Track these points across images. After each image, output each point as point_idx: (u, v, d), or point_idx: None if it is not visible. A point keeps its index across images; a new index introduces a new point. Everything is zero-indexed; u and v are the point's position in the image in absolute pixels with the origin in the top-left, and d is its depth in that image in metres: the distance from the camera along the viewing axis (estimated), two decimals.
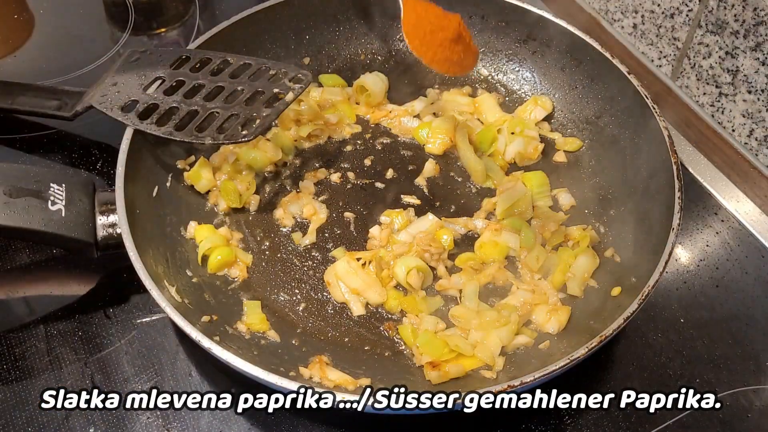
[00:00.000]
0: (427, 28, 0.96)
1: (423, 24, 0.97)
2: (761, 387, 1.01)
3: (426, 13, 0.98)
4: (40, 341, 1.02)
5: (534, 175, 1.16)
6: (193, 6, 1.51)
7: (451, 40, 0.96)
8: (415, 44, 0.97)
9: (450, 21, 0.96)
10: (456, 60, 0.97)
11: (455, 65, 0.97)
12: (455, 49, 0.96)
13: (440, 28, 0.96)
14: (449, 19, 0.96)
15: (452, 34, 0.96)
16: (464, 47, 0.97)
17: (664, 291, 1.10)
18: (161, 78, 1.12)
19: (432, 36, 0.96)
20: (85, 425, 0.94)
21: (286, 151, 1.20)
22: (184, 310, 0.93)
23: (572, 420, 0.97)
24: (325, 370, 0.94)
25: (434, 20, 0.96)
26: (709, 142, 1.26)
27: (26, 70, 1.37)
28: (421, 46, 0.97)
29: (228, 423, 0.95)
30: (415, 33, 0.97)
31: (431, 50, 0.96)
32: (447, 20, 0.96)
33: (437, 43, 0.96)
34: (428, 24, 0.96)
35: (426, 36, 0.96)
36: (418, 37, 0.97)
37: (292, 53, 1.30)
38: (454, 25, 0.96)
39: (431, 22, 0.96)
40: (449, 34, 0.95)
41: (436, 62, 0.97)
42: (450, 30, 0.96)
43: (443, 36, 0.95)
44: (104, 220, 1.00)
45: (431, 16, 0.97)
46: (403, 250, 1.08)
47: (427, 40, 0.96)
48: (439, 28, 0.96)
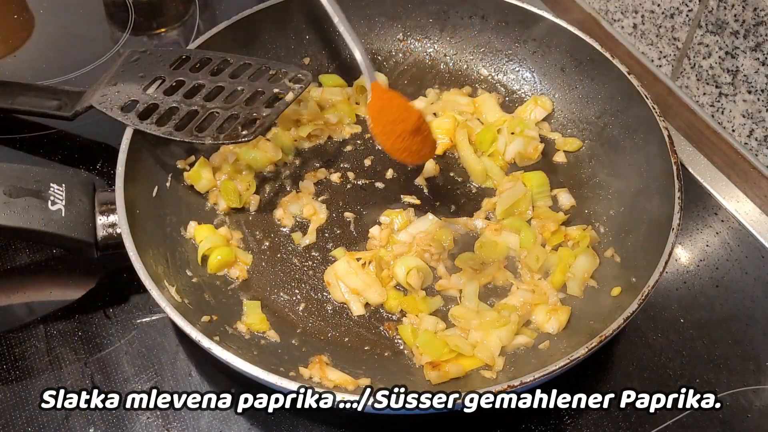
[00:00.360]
0: (389, 117, 1.01)
1: (386, 113, 1.02)
2: (761, 387, 1.01)
3: (390, 103, 1.03)
4: (40, 341, 1.02)
5: (534, 175, 1.16)
6: (193, 6, 1.51)
7: (410, 131, 1.00)
8: (378, 131, 1.02)
9: (411, 114, 1.01)
10: (414, 150, 1.01)
11: (413, 155, 1.02)
12: (414, 140, 1.01)
13: (401, 119, 1.01)
14: (410, 112, 1.01)
15: (412, 126, 1.00)
16: (422, 138, 1.02)
17: (664, 291, 1.10)
18: (161, 78, 1.12)
19: (393, 126, 1.01)
20: (85, 425, 0.94)
21: (286, 151, 1.20)
22: (184, 310, 0.93)
23: (572, 420, 0.97)
24: (325, 370, 0.94)
25: (396, 111, 1.01)
26: (709, 142, 1.26)
27: (26, 70, 1.37)
28: (383, 134, 1.02)
29: (228, 423, 0.95)
30: (378, 120, 1.02)
31: (391, 139, 1.01)
32: (408, 113, 1.01)
33: (397, 133, 1.00)
34: (390, 114, 1.01)
35: (387, 125, 1.01)
36: (380, 124, 1.02)
37: (292, 53, 1.30)
38: (414, 118, 1.01)
39: (393, 113, 1.01)
40: (409, 126, 1.00)
41: (395, 151, 1.01)
42: (410, 122, 1.00)
43: (403, 127, 1.00)
44: (104, 220, 1.00)
45: (395, 107, 1.02)
46: (403, 250, 1.08)
47: (388, 129, 1.01)
48: (401, 120, 1.01)
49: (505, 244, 1.09)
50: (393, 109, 1.02)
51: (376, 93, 1.06)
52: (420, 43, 1.34)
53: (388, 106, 1.03)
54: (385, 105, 1.03)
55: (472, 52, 1.32)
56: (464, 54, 1.33)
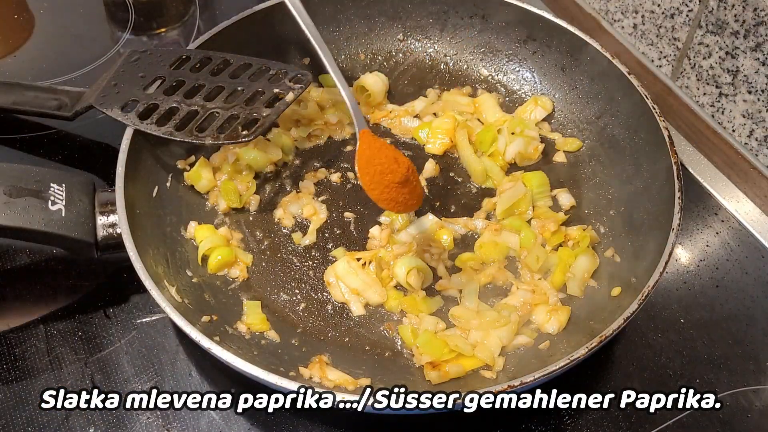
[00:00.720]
0: (377, 168, 1.00)
1: (374, 163, 1.01)
2: (761, 387, 1.01)
3: (378, 153, 1.01)
4: (40, 341, 1.02)
5: (534, 175, 1.16)
6: (194, 6, 1.51)
7: (398, 183, 0.99)
8: (365, 180, 1.01)
9: (399, 165, 1.00)
10: (401, 201, 1.00)
11: (400, 205, 1.01)
12: (401, 191, 1.00)
13: (389, 170, 0.99)
14: (399, 164, 1.00)
15: (400, 177, 0.99)
16: (410, 190, 1.01)
17: (664, 291, 1.10)
18: (161, 78, 1.12)
19: (381, 177, 0.99)
20: (85, 425, 0.94)
21: (286, 151, 1.20)
22: (184, 310, 0.93)
23: (572, 420, 0.97)
24: (325, 370, 0.94)
25: (384, 162, 1.00)
26: (709, 143, 1.26)
27: (26, 70, 1.37)
28: (370, 183, 1.01)
29: (228, 423, 0.95)
30: (366, 170, 1.01)
31: (378, 189, 1.00)
32: (396, 164, 1.00)
33: (384, 184, 0.99)
34: (379, 165, 1.00)
35: (375, 176, 1.00)
36: (368, 174, 1.01)
37: (292, 53, 1.30)
38: (403, 170, 0.99)
39: (381, 164, 1.00)
40: (397, 178, 0.99)
41: (382, 201, 1.00)
42: (398, 174, 0.99)
43: (391, 179, 0.99)
44: (104, 220, 1.00)
45: (383, 157, 1.01)
46: (403, 250, 1.08)
47: (376, 180, 1.00)
48: (389, 171, 0.99)
49: (505, 244, 1.09)
50: (381, 159, 1.00)
51: (364, 141, 1.04)
52: (420, 43, 1.34)
53: (377, 156, 1.01)
54: (374, 155, 1.01)
55: (473, 52, 1.32)
56: (464, 54, 1.33)
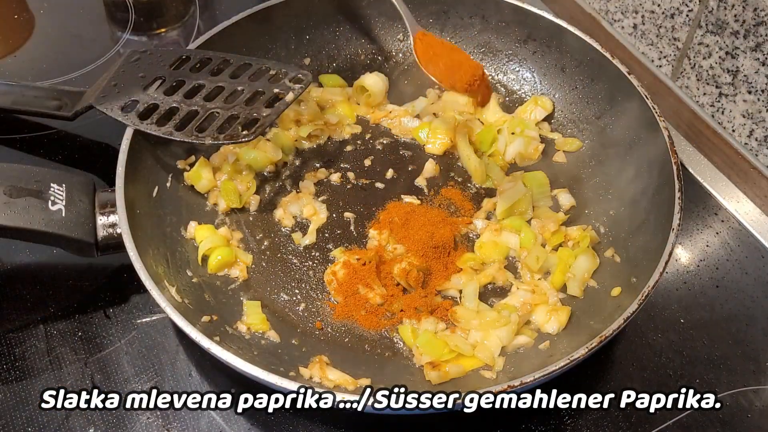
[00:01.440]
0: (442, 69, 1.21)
1: (439, 65, 1.20)
2: (761, 387, 1.01)
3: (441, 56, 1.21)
4: (40, 341, 1.02)
5: (534, 175, 1.17)
6: (194, 6, 1.51)
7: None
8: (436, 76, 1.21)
9: (464, 73, 1.21)
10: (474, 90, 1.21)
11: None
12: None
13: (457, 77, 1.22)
14: (464, 71, 1.21)
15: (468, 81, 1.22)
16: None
17: (664, 291, 1.10)
18: (161, 78, 1.12)
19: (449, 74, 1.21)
20: (85, 425, 0.94)
21: (286, 152, 1.20)
22: (184, 310, 0.93)
23: (572, 420, 0.97)
24: (325, 370, 0.94)
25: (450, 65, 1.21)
26: (709, 143, 1.26)
27: (26, 70, 1.37)
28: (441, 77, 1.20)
29: (228, 423, 0.95)
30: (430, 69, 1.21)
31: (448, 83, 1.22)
32: (461, 71, 1.21)
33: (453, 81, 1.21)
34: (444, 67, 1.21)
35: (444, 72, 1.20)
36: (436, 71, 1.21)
37: (293, 53, 1.30)
38: (468, 78, 1.22)
39: (447, 66, 1.21)
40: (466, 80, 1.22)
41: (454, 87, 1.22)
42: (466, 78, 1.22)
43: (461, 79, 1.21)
44: (104, 220, 1.00)
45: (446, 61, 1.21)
46: (404, 250, 1.08)
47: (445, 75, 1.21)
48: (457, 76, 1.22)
49: (505, 244, 1.09)
50: (446, 62, 1.18)
51: (421, 44, 1.18)
52: None
53: (440, 58, 1.17)
54: (435, 56, 1.17)
55: (473, 52, 1.32)
56: None
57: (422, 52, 1.15)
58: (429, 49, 1.16)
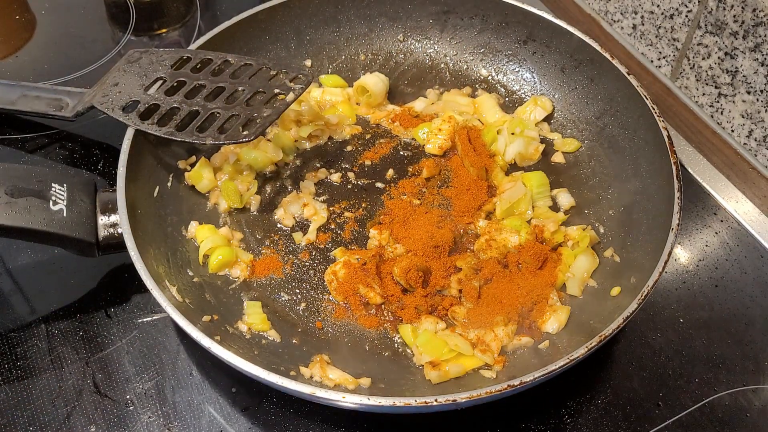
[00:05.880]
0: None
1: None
2: (760, 387, 1.01)
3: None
4: (41, 341, 1.02)
5: (534, 175, 1.17)
6: (194, 7, 1.51)
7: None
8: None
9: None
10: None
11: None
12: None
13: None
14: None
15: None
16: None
17: (663, 291, 1.10)
18: (162, 78, 1.12)
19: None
20: (85, 424, 0.95)
21: (287, 152, 1.20)
22: (185, 310, 0.93)
23: (572, 420, 0.97)
24: (326, 369, 0.95)
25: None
26: (708, 143, 1.26)
27: (28, 71, 1.37)
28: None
29: (228, 422, 0.96)
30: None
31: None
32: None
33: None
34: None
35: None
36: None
37: (293, 53, 1.30)
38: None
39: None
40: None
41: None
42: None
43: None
44: (105, 220, 1.01)
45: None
46: (403, 250, 1.08)
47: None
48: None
49: (505, 244, 1.09)
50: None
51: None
52: (420, 44, 1.34)
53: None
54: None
55: (472, 52, 1.33)
56: (464, 54, 1.33)
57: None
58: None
